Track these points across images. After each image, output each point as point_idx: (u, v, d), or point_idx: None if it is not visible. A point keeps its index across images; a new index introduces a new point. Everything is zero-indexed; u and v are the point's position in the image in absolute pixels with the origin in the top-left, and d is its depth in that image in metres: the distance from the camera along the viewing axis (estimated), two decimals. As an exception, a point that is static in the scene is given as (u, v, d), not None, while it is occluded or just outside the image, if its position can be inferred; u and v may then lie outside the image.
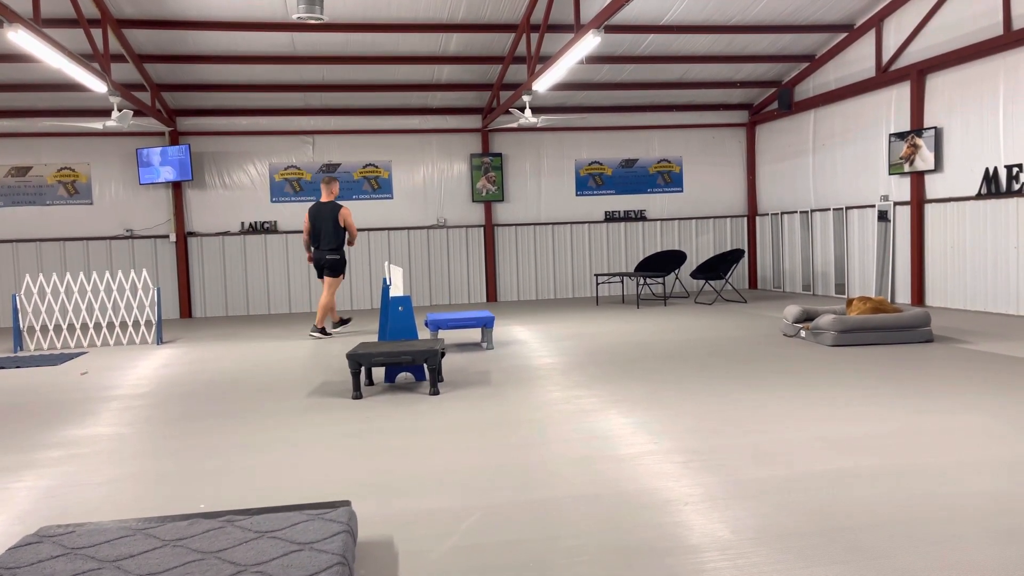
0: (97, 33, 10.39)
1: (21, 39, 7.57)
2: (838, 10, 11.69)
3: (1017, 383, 5.84)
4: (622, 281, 13.79)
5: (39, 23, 8.40)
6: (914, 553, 2.94)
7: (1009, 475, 3.78)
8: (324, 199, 10.23)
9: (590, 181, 15.01)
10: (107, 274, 10.30)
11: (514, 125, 12.50)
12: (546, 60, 11.22)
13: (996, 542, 3.01)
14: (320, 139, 14.21)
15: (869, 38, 11.99)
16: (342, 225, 10.12)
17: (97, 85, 9.65)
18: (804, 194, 13.96)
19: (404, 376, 6.97)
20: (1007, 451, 4.17)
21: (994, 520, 3.23)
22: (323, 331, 10.12)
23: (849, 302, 8.44)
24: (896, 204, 11.65)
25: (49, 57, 8.31)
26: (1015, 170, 9.60)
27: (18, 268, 13.42)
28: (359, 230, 14.37)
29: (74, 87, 12.04)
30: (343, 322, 10.82)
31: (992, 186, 9.95)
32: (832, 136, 13.11)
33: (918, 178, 11.15)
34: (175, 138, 13.61)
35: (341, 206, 10.18)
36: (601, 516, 3.43)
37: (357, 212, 14.38)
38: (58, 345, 10.21)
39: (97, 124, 10.98)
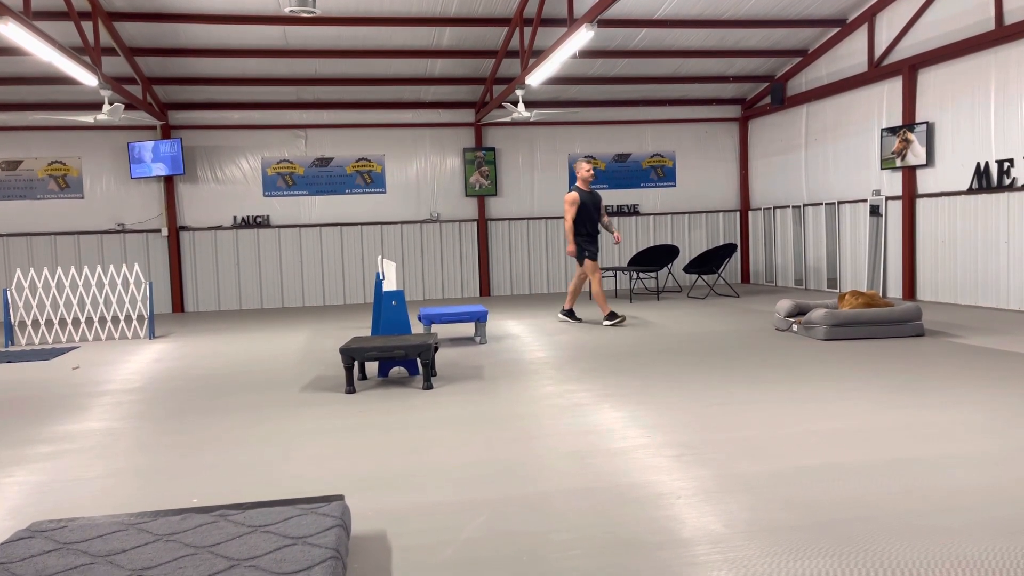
0: (88, 26, 10.33)
1: (11, 32, 7.52)
2: (830, 5, 11.71)
3: (1007, 377, 5.88)
4: (615, 276, 13.79)
5: (29, 16, 8.34)
6: (905, 546, 2.96)
7: (999, 468, 3.81)
8: None
9: (583, 175, 15.00)
10: (99, 268, 10.27)
11: (507, 119, 12.49)
12: (539, 54, 11.20)
13: (987, 534, 3.03)
14: (313, 133, 14.17)
15: (861, 33, 12.01)
16: None
17: (88, 78, 9.60)
18: (796, 189, 13.99)
19: (397, 370, 6.97)
20: (997, 444, 4.19)
21: (985, 512, 3.25)
22: (611, 316, 9.51)
23: (841, 296, 8.47)
24: (888, 199, 11.69)
25: (39, 50, 8.26)
26: (1006, 165, 9.64)
27: (9, 262, 13.35)
28: (356, 224, 14.35)
29: (65, 80, 11.98)
30: (572, 315, 9.98)
31: (983, 181, 9.99)
32: (824, 131, 13.13)
33: (910, 173, 11.19)
34: (167, 132, 13.55)
35: (569, 191, 9.69)
36: (594, 510, 3.44)
37: (350, 206, 14.35)
38: (49, 340, 10.17)
39: (88, 118, 10.92)
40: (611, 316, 9.53)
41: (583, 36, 8.62)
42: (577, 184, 9.72)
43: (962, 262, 10.41)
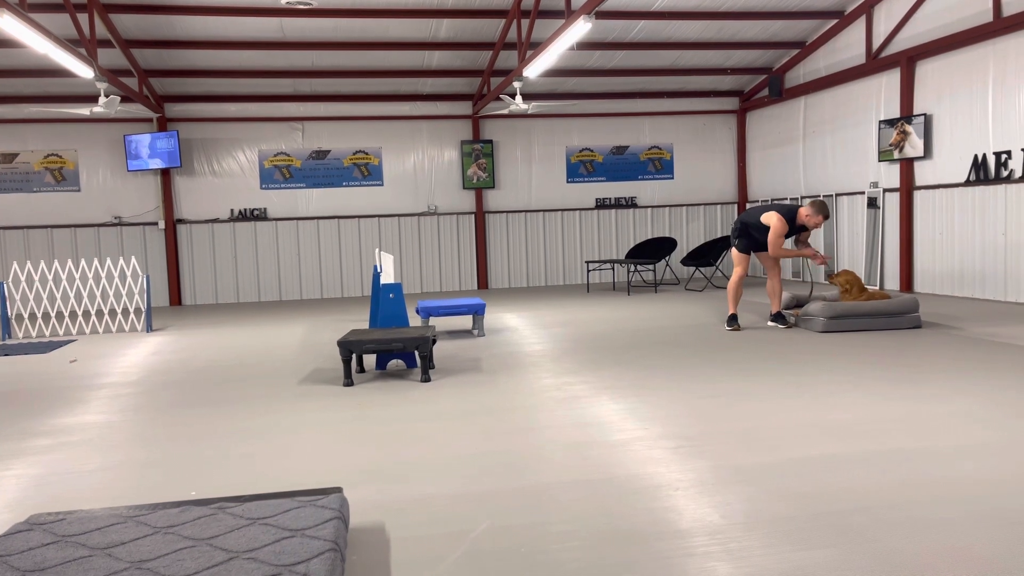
0: (83, 18, 10.28)
1: (6, 24, 7.48)
2: (829, -4, 11.70)
3: (1004, 368, 5.89)
4: (613, 268, 13.80)
5: (25, 8, 8.30)
6: (903, 536, 2.96)
7: (997, 459, 3.81)
8: None
9: (581, 168, 15.00)
10: (95, 261, 10.25)
11: (505, 112, 12.46)
12: (537, 46, 11.18)
13: (985, 525, 3.04)
14: (310, 125, 14.13)
15: (859, 24, 11.99)
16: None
17: (84, 71, 9.56)
18: (794, 181, 13.99)
19: (395, 363, 6.96)
20: (995, 435, 4.20)
21: (983, 503, 3.26)
22: (732, 320, 8.41)
23: (836, 275, 8.43)
24: (885, 191, 11.69)
25: (35, 42, 8.21)
26: (1003, 157, 9.64)
27: (5, 255, 13.32)
28: (354, 217, 14.33)
29: (60, 73, 11.93)
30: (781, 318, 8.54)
31: (981, 173, 9.98)
32: (822, 123, 13.12)
33: (907, 165, 11.18)
34: (163, 124, 13.50)
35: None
36: (592, 501, 3.44)
37: (347, 199, 14.33)
38: (46, 333, 10.16)
39: (84, 110, 10.88)
40: (731, 320, 8.45)
41: (581, 28, 8.59)
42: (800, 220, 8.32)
43: (959, 254, 10.42)
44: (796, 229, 8.40)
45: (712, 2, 11.52)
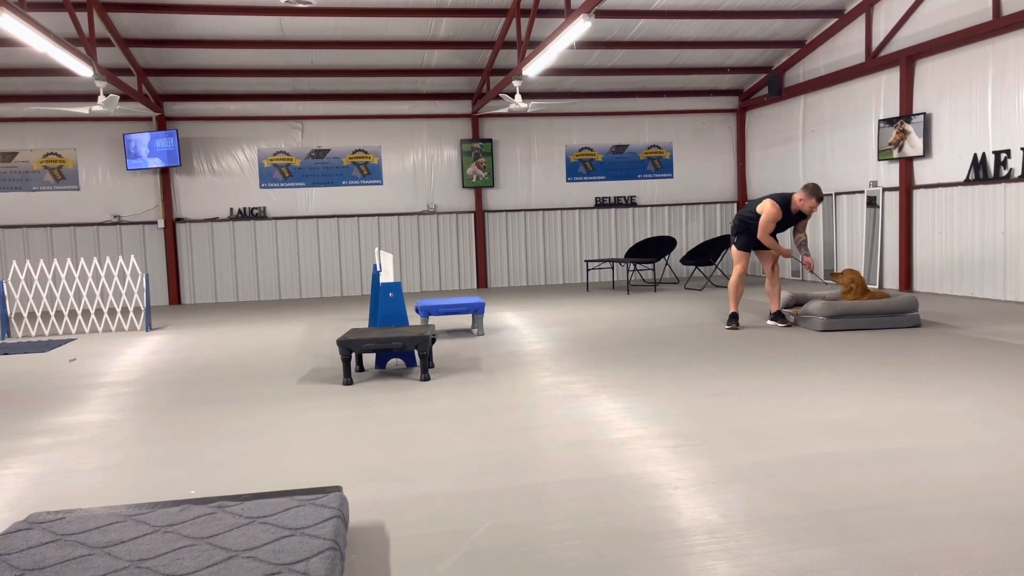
0: (83, 17, 10.27)
1: (5, 23, 7.47)
2: (828, -5, 11.70)
3: (1003, 367, 5.89)
4: (612, 267, 13.79)
5: (24, 6, 8.29)
6: (902, 536, 2.96)
7: (995, 458, 3.82)
8: None
9: (580, 167, 14.99)
10: (95, 260, 10.24)
11: (504, 111, 12.46)
12: (536, 45, 11.16)
13: (983, 524, 3.04)
14: (309, 124, 14.12)
15: (859, 23, 11.98)
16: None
17: (83, 69, 9.55)
18: (793, 180, 13.98)
19: (395, 362, 6.96)
20: (993, 434, 4.20)
21: (981, 502, 3.26)
22: (777, 315, 8.52)
23: (838, 274, 8.44)
24: (885, 190, 11.69)
25: (34, 41, 8.21)
26: (1003, 156, 9.64)
27: (4, 254, 13.31)
28: (353, 216, 14.33)
29: (60, 71, 11.91)
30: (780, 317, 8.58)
31: (980, 172, 9.99)
32: (821, 122, 13.12)
33: (907, 164, 11.18)
34: (162, 123, 13.49)
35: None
36: (591, 500, 3.44)
37: (346, 198, 14.33)
38: (46, 332, 10.15)
39: (83, 109, 10.87)
40: (731, 318, 8.45)
41: (580, 26, 8.59)
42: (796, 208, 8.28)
43: (959, 253, 10.42)
44: (793, 218, 8.36)
45: (711, 1, 11.52)
